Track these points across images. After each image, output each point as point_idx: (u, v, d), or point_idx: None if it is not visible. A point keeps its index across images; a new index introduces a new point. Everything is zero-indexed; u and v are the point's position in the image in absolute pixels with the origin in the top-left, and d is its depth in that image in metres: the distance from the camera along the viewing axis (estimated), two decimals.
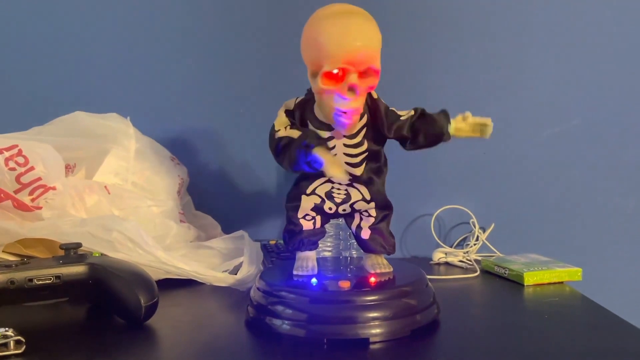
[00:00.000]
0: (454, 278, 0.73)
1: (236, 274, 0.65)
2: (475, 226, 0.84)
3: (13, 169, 0.64)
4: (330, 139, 0.53)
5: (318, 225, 0.57)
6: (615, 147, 0.88)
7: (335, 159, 0.51)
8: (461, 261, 0.80)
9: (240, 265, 0.67)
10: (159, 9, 0.89)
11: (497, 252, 0.82)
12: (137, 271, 0.55)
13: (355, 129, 0.53)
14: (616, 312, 0.57)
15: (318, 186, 0.55)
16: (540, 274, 0.68)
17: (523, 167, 0.89)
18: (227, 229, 0.83)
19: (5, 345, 0.45)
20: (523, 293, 0.66)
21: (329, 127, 0.52)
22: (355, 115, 0.50)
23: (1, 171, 0.64)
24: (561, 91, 0.88)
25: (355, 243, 0.60)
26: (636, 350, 0.48)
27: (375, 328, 0.49)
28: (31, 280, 0.52)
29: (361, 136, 0.53)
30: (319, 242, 0.58)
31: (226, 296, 0.63)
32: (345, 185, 0.55)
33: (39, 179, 0.65)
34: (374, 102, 0.53)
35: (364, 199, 0.55)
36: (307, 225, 0.57)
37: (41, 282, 0.52)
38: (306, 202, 0.56)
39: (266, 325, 0.51)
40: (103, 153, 0.74)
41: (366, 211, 0.56)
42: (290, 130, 0.52)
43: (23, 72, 0.89)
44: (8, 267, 0.52)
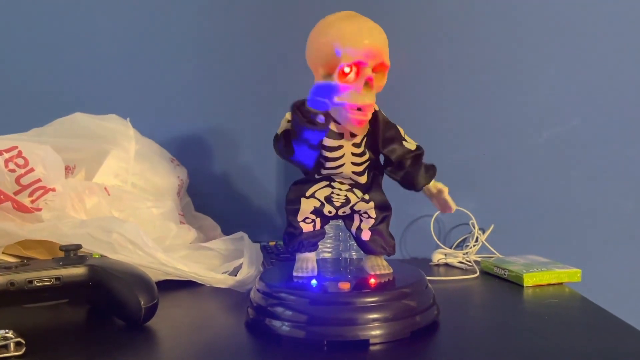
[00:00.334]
0: (454, 279, 0.73)
1: (236, 276, 0.65)
2: (474, 227, 0.84)
3: (13, 171, 0.64)
4: (339, 148, 0.53)
5: (318, 227, 0.57)
6: (614, 148, 0.88)
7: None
8: (461, 262, 0.80)
9: (240, 266, 0.67)
10: (159, 10, 0.89)
11: (497, 253, 0.82)
12: (137, 273, 0.55)
13: (363, 132, 0.53)
14: (615, 313, 0.57)
15: (317, 190, 0.55)
16: (539, 275, 0.68)
17: (522, 168, 0.89)
18: (227, 230, 0.83)
19: (5, 347, 0.45)
20: (522, 294, 0.66)
21: (339, 136, 0.53)
22: (369, 111, 0.51)
23: (1, 172, 0.64)
24: (561, 92, 0.88)
25: (354, 244, 0.60)
26: (635, 351, 0.48)
27: (375, 329, 0.49)
28: (31, 281, 0.51)
29: (363, 146, 0.54)
30: (319, 244, 0.58)
31: (226, 297, 0.63)
32: (345, 190, 0.55)
33: (39, 181, 0.65)
34: (375, 114, 0.53)
35: (363, 199, 0.56)
36: (307, 228, 0.57)
37: (41, 284, 0.52)
38: (306, 205, 0.56)
39: (266, 326, 0.51)
40: (103, 154, 0.74)
41: (366, 212, 0.57)
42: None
43: (23, 74, 0.90)
44: (8, 269, 0.52)
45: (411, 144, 0.55)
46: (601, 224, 0.89)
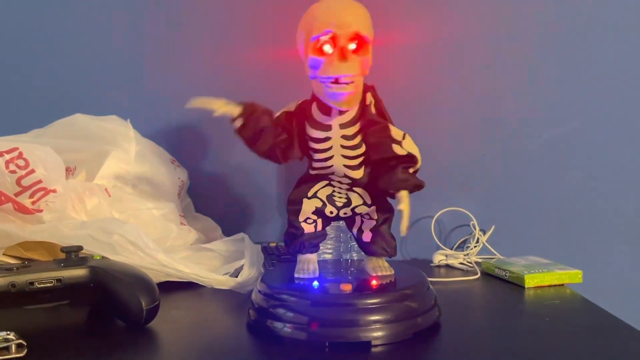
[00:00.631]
0: (455, 280, 0.73)
1: (237, 277, 0.65)
2: (475, 228, 0.84)
3: (13, 172, 0.64)
4: (327, 140, 0.53)
5: (319, 228, 0.57)
6: (615, 149, 0.88)
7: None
8: (462, 263, 0.80)
9: (241, 267, 0.67)
10: (159, 11, 0.89)
11: (498, 255, 0.82)
12: (138, 274, 0.55)
13: (352, 110, 0.52)
14: (617, 315, 0.57)
15: (319, 189, 0.55)
16: (540, 276, 0.68)
17: (523, 169, 0.89)
18: (228, 232, 0.83)
19: (6, 348, 0.45)
20: (524, 295, 0.66)
21: (326, 127, 0.52)
22: (351, 86, 0.49)
23: (2, 174, 0.64)
24: (561, 92, 0.88)
25: (355, 245, 0.60)
26: (637, 352, 0.48)
27: (376, 331, 0.49)
28: (32, 283, 0.51)
29: (359, 138, 0.53)
30: (320, 245, 0.58)
31: (227, 299, 0.63)
32: (345, 190, 0.55)
33: (40, 182, 0.65)
34: (366, 108, 0.52)
35: (365, 203, 0.55)
36: (309, 228, 0.57)
37: (42, 285, 0.52)
38: (307, 206, 0.56)
39: (267, 328, 0.51)
40: (103, 155, 0.74)
41: (367, 214, 0.57)
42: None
43: (23, 75, 0.89)
44: (9, 271, 0.52)
45: (402, 143, 0.53)
46: (602, 225, 0.89)
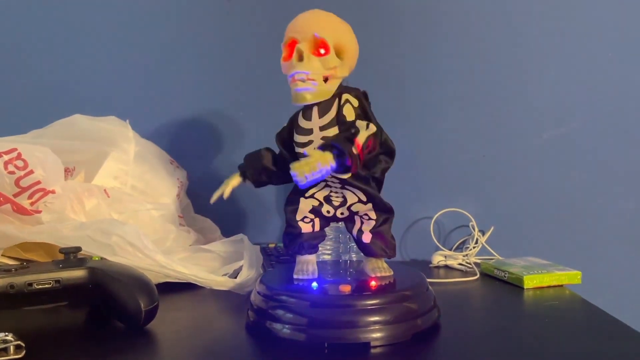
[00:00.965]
0: (454, 281, 0.73)
1: (236, 278, 0.65)
2: (474, 229, 0.84)
3: (12, 173, 0.64)
4: (310, 143, 0.53)
5: (317, 228, 0.57)
6: (614, 149, 0.88)
7: None
8: (461, 264, 0.80)
9: (240, 268, 0.67)
10: (159, 12, 0.89)
11: (497, 255, 0.82)
12: (137, 275, 0.55)
13: (331, 112, 0.53)
14: (616, 316, 0.57)
15: (317, 191, 0.56)
16: (539, 277, 0.68)
17: (522, 170, 0.89)
18: (227, 233, 0.83)
19: (5, 350, 0.45)
20: (523, 296, 0.66)
21: (308, 132, 0.53)
22: (309, 84, 0.52)
23: (0, 175, 0.64)
24: (561, 93, 0.88)
25: (354, 246, 0.60)
26: (636, 353, 0.48)
27: (376, 332, 0.49)
28: (31, 284, 0.51)
29: None
30: (319, 246, 0.58)
31: (226, 300, 0.63)
32: (339, 189, 0.55)
33: (38, 183, 0.65)
34: (340, 109, 0.53)
35: (360, 201, 0.55)
36: (306, 227, 0.57)
37: (41, 287, 0.52)
38: (305, 205, 0.56)
39: (266, 329, 0.51)
40: (102, 156, 0.73)
41: (366, 214, 0.56)
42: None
43: (22, 75, 0.89)
44: (7, 272, 0.52)
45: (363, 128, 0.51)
46: (602, 226, 0.89)
